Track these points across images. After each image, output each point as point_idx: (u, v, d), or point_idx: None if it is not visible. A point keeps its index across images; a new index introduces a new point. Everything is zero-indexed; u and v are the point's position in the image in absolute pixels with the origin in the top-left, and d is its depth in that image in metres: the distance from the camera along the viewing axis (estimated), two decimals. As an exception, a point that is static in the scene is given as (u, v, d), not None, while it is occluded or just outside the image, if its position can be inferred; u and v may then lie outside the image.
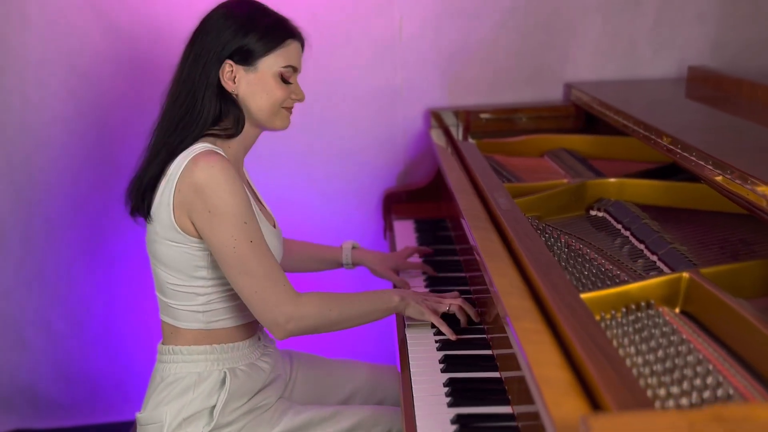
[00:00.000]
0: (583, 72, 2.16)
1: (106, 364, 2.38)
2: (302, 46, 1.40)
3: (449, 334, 1.31)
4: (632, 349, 0.95)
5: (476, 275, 1.38)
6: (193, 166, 1.24)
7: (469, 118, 2.11)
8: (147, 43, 2.05)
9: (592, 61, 2.15)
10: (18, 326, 2.32)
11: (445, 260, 1.72)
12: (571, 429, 0.65)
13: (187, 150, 1.28)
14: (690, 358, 0.92)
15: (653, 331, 0.99)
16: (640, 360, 0.93)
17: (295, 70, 1.36)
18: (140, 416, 1.36)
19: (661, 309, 1.06)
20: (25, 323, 2.32)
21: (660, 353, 0.94)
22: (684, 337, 0.98)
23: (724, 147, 1.39)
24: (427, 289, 1.56)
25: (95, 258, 2.27)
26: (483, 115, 2.12)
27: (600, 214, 1.52)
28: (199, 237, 1.27)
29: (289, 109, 1.39)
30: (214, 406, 1.32)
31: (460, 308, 1.35)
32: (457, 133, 2.07)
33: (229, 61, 1.29)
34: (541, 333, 0.88)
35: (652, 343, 0.97)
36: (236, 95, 1.32)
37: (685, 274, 1.07)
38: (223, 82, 1.30)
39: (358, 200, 2.22)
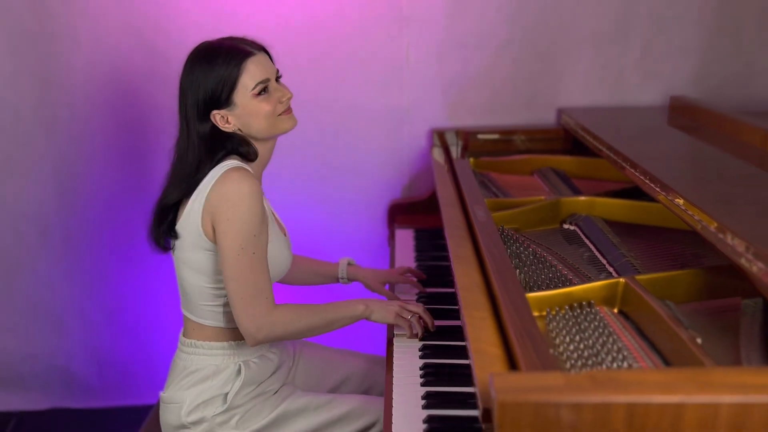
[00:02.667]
0: (575, 98, 2.35)
1: (135, 351, 2.60)
2: (265, 51, 1.48)
3: (410, 335, 1.49)
4: (567, 338, 1.15)
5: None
6: (226, 178, 1.40)
7: (467, 138, 2.31)
8: (179, 63, 2.29)
9: (584, 88, 2.34)
10: (57, 315, 2.56)
11: (439, 265, 1.93)
12: (487, 384, 0.84)
13: (218, 166, 1.43)
14: (612, 346, 1.12)
15: (588, 324, 1.19)
16: (571, 347, 1.12)
17: (268, 80, 1.44)
18: (164, 395, 1.56)
19: (599, 308, 1.25)
20: (64, 312, 2.56)
21: (589, 342, 1.14)
22: (612, 329, 1.17)
23: (678, 172, 1.57)
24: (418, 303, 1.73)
25: (128, 255, 2.50)
26: (480, 136, 2.32)
27: (571, 228, 1.71)
28: None
29: (288, 110, 1.48)
30: (228, 392, 1.50)
31: (419, 318, 1.52)
32: (457, 152, 2.27)
33: (215, 111, 1.42)
34: (486, 320, 1.09)
35: (585, 334, 1.16)
36: (238, 131, 1.46)
37: (622, 280, 1.26)
38: (222, 128, 1.44)
39: (367, 210, 2.44)
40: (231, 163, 1.45)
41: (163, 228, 1.48)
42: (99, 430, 2.53)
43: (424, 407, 1.27)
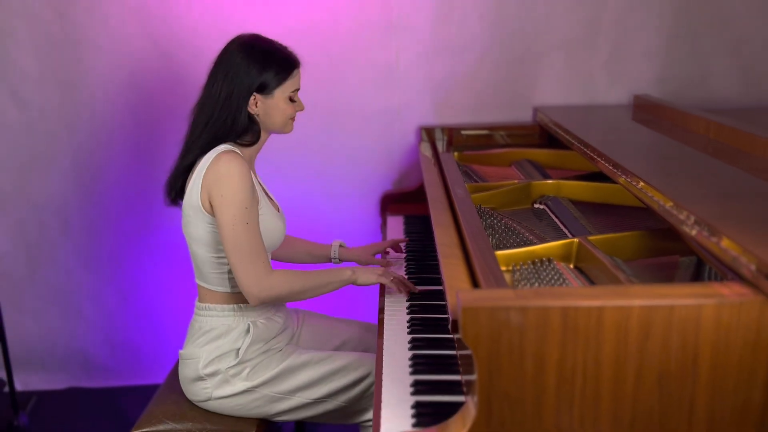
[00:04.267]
0: (549, 98, 2.59)
1: (148, 335, 2.80)
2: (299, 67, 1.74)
3: (396, 290, 1.72)
4: (528, 285, 1.38)
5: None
6: (219, 160, 1.63)
7: (452, 134, 2.54)
8: (191, 66, 2.52)
9: (557, 89, 2.58)
10: (76, 299, 2.76)
11: (425, 245, 2.16)
12: (456, 303, 1.07)
13: (214, 149, 1.67)
14: (561, 284, 1.34)
15: (546, 274, 1.42)
16: (528, 286, 1.35)
17: (298, 90, 1.73)
18: (183, 352, 1.76)
19: (557, 263, 1.48)
20: (82, 297, 2.76)
21: (543, 284, 1.36)
22: (564, 275, 1.40)
23: (636, 157, 1.80)
24: (405, 275, 1.94)
25: (143, 244, 2.71)
26: (464, 132, 2.55)
27: (541, 207, 1.94)
28: None
29: (294, 118, 1.75)
30: (239, 348, 1.72)
31: (400, 281, 1.75)
32: (443, 146, 2.51)
33: (255, 94, 1.67)
34: (458, 265, 1.31)
35: (543, 282, 1.39)
36: (257, 115, 1.71)
37: (576, 239, 1.49)
38: (248, 108, 1.70)
39: (361, 200, 2.66)
40: (223, 147, 1.68)
41: (179, 185, 1.72)
42: (112, 408, 2.70)
43: (410, 349, 1.49)
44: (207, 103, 1.69)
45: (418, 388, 1.32)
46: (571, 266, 1.50)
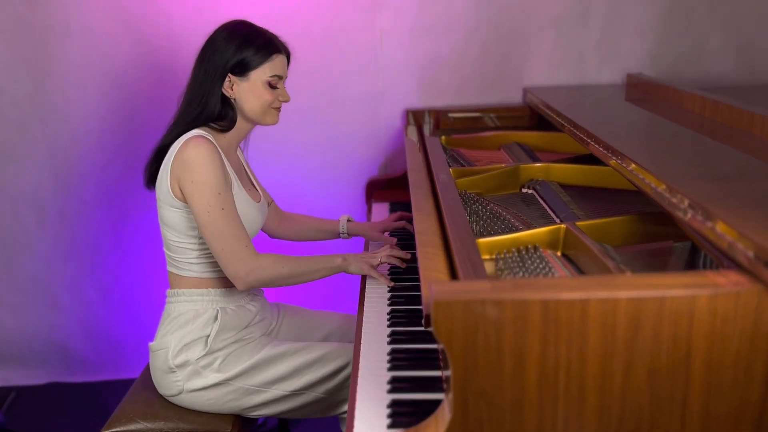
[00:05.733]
0: (539, 78, 2.50)
1: (130, 328, 2.73)
2: (288, 57, 1.73)
3: (385, 282, 1.66)
4: (512, 274, 1.30)
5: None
6: (186, 145, 1.58)
7: (439, 117, 2.46)
8: (167, 51, 2.43)
9: (547, 69, 2.49)
10: (54, 292, 2.69)
11: (409, 234, 2.07)
12: (428, 294, 0.99)
13: (185, 134, 1.62)
14: (547, 273, 1.26)
15: (532, 263, 1.34)
16: (512, 275, 1.27)
17: (280, 78, 1.68)
18: (152, 345, 1.71)
19: (543, 251, 1.40)
20: (61, 289, 2.68)
21: (528, 273, 1.28)
22: (550, 264, 1.32)
23: (628, 139, 1.72)
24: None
25: (122, 234, 2.64)
26: (451, 115, 2.47)
27: (529, 192, 1.86)
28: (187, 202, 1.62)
29: (278, 109, 1.72)
30: (208, 336, 1.65)
31: (390, 256, 1.68)
32: (429, 130, 2.42)
33: (230, 75, 1.63)
34: (437, 255, 1.23)
35: (528, 271, 1.31)
36: (234, 99, 1.66)
37: (563, 225, 1.41)
38: (224, 90, 1.64)
39: (346, 187, 2.58)
40: (193, 132, 1.62)
41: (153, 169, 1.66)
42: (93, 403, 2.64)
43: (390, 343, 1.41)
44: (188, 86, 1.67)
45: (396, 385, 1.25)
46: (559, 254, 1.42)
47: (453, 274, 1.20)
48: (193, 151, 1.56)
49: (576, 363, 0.93)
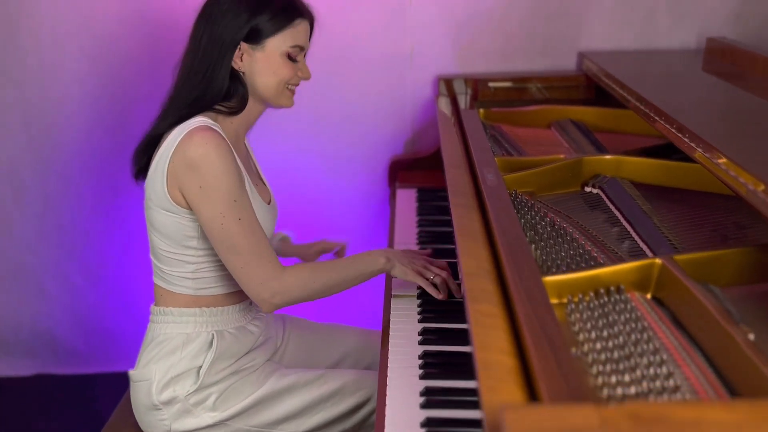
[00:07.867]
0: (598, 41, 2.12)
1: (121, 316, 2.47)
2: (311, 25, 1.41)
3: (435, 294, 1.33)
4: (593, 334, 0.96)
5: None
6: (189, 140, 1.27)
7: (477, 86, 2.09)
8: (157, 5, 2.07)
9: (609, 30, 2.11)
10: (38, 278, 2.42)
11: (443, 231, 1.74)
12: (497, 415, 0.67)
13: (185, 123, 1.31)
14: (648, 346, 0.93)
15: (618, 316, 1.00)
16: (598, 345, 0.94)
17: (302, 49, 1.38)
18: (132, 373, 1.43)
19: (630, 294, 1.06)
20: (46, 275, 2.41)
21: (620, 339, 0.95)
22: (647, 324, 0.98)
23: (721, 129, 1.36)
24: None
25: (110, 214, 2.34)
26: (492, 84, 2.10)
27: (594, 191, 1.50)
28: (190, 208, 1.31)
29: (295, 87, 1.42)
30: (200, 366, 1.37)
31: (444, 281, 1.35)
32: (465, 102, 2.06)
33: (242, 44, 1.32)
34: (495, 317, 0.89)
35: (615, 329, 0.97)
36: (243, 73, 1.35)
37: (658, 260, 1.06)
38: (233, 62, 1.33)
39: (365, 166, 2.24)
40: (198, 120, 1.31)
41: (144, 161, 1.38)
42: (83, 396, 2.44)
43: (422, 377, 1.11)
44: (187, 54, 1.37)
45: (432, 429, 0.94)
46: (648, 296, 1.07)
47: (515, 333, 0.86)
48: (201, 149, 1.25)
49: None
